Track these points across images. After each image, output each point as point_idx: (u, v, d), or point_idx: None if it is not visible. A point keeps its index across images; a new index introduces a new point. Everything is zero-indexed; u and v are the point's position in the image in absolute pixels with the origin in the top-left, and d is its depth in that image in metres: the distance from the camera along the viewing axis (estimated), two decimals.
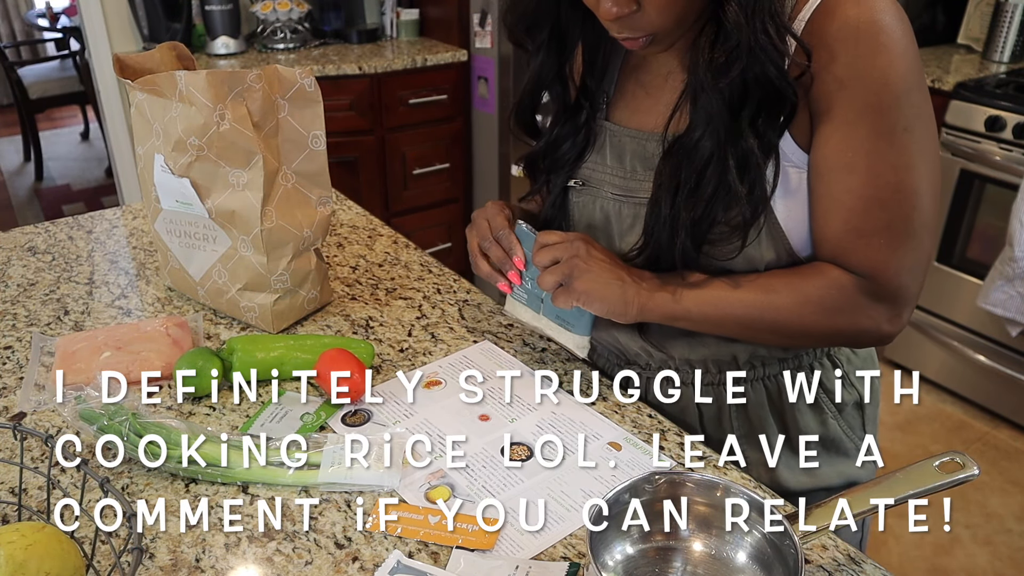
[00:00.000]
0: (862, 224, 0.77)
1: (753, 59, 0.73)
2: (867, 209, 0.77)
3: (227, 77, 0.97)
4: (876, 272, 0.79)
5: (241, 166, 1.01)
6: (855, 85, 0.74)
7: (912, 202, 0.77)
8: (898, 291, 0.80)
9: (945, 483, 0.70)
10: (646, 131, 0.88)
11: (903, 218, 0.77)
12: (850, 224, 0.78)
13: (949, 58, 2.68)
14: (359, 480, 0.82)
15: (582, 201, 0.94)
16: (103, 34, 2.69)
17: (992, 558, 2.01)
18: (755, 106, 0.76)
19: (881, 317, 0.81)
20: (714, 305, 0.82)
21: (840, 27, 0.74)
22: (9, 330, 1.11)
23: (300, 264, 1.09)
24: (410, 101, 2.72)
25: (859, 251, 0.78)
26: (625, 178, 0.90)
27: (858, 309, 0.80)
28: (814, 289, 0.80)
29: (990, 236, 2.33)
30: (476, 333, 1.10)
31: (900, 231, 0.78)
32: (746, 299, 0.81)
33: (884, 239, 0.77)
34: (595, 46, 0.92)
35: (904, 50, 0.74)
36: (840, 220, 0.78)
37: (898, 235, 0.78)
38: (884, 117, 0.75)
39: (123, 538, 0.73)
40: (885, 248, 0.78)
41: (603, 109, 0.93)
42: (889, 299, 0.80)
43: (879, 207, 0.77)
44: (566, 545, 0.76)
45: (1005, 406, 2.47)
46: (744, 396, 0.93)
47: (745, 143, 0.77)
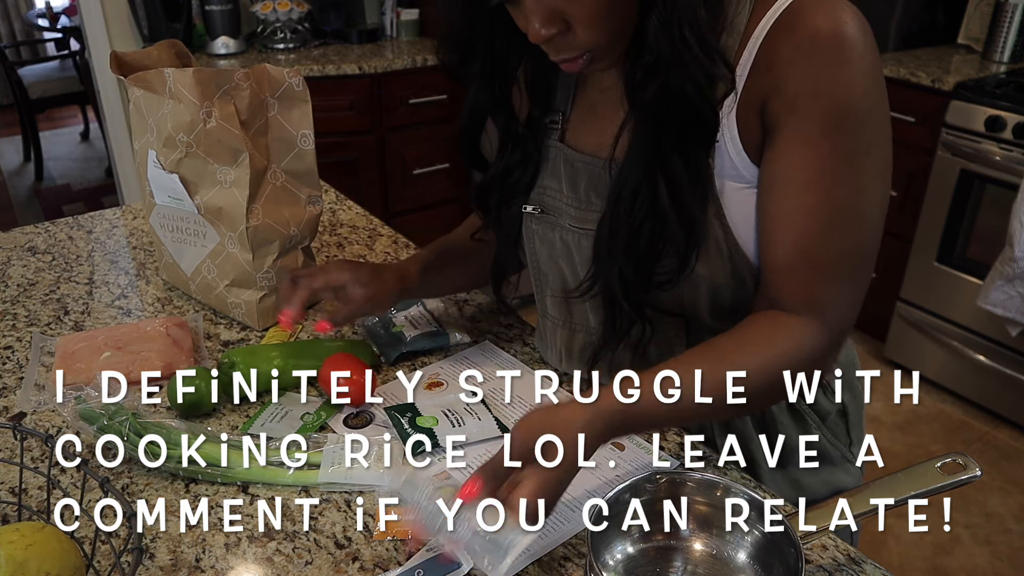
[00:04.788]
0: (813, 250, 0.73)
1: (672, 74, 0.69)
2: (821, 232, 0.72)
3: (214, 75, 0.98)
4: (826, 306, 0.74)
5: (228, 163, 1.02)
6: (816, 100, 0.70)
7: (865, 230, 0.74)
8: (841, 327, 0.76)
9: (947, 484, 0.70)
10: (598, 156, 0.84)
11: (854, 246, 0.74)
12: (801, 248, 0.73)
13: (949, 58, 2.68)
14: (359, 480, 0.81)
15: (541, 229, 0.90)
16: (103, 34, 2.68)
17: (992, 558, 2.01)
18: (678, 126, 0.72)
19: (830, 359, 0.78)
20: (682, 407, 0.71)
21: (802, 39, 0.69)
22: (9, 330, 1.11)
23: (287, 262, 1.09)
24: (410, 101, 2.72)
25: (811, 281, 0.74)
26: (580, 208, 0.86)
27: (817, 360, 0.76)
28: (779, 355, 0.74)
29: (990, 236, 2.32)
30: (476, 333, 1.10)
31: (851, 261, 0.74)
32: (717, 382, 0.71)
33: (833, 271, 0.74)
34: (538, 71, 0.87)
35: (869, 66, 0.70)
36: (790, 242, 0.74)
37: (848, 265, 0.74)
38: (845, 136, 0.71)
39: (123, 538, 0.73)
40: (835, 281, 0.74)
41: (558, 131, 0.89)
42: (833, 338, 0.76)
43: (832, 230, 0.72)
44: (567, 545, 0.76)
45: (1005, 406, 2.47)
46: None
47: (673, 165, 0.74)
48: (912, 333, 2.64)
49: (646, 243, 0.78)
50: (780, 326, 0.75)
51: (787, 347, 0.74)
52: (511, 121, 0.89)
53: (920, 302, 2.60)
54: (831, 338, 0.75)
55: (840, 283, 0.74)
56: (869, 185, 0.72)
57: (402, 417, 0.90)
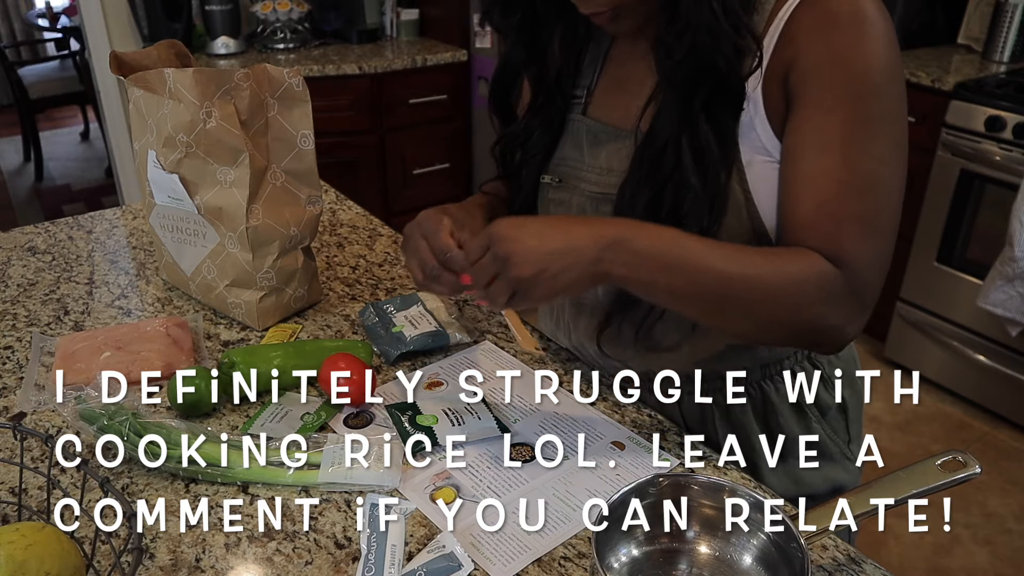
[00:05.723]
0: (835, 208, 0.73)
1: (701, 43, 0.72)
2: (840, 194, 0.73)
3: (214, 75, 0.98)
4: (848, 260, 0.73)
5: (228, 163, 1.02)
6: (835, 69, 0.72)
7: (883, 196, 0.74)
8: (865, 288, 0.75)
9: (947, 482, 0.70)
10: (622, 128, 0.86)
11: (874, 211, 0.74)
12: (823, 206, 0.73)
13: (949, 58, 2.67)
14: (359, 480, 0.81)
15: (559, 198, 0.92)
16: (103, 34, 2.68)
17: (992, 558, 2.01)
18: (705, 95, 0.75)
19: (846, 315, 0.75)
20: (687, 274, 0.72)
21: (822, 13, 0.73)
22: (9, 330, 1.11)
23: (287, 262, 1.09)
24: (410, 101, 2.72)
25: (832, 235, 0.73)
26: (602, 175, 0.88)
27: (832, 299, 0.74)
28: (796, 268, 0.73)
29: (990, 236, 2.32)
30: (476, 333, 1.10)
31: (870, 224, 0.74)
32: (724, 271, 0.73)
33: (854, 229, 0.73)
34: (572, 38, 0.91)
35: (888, 42, 0.72)
36: (813, 202, 0.74)
37: (868, 228, 0.74)
38: (863, 104, 0.72)
39: (123, 538, 0.73)
40: (857, 237, 0.74)
41: (581, 104, 0.92)
42: (855, 296, 0.75)
43: (852, 194, 0.73)
44: (567, 545, 0.76)
45: (1005, 406, 2.47)
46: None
47: (700, 131, 0.75)
48: (912, 333, 2.64)
49: (668, 210, 0.77)
50: (803, 253, 0.74)
51: (804, 266, 0.73)
52: (543, 78, 0.91)
53: (920, 302, 2.60)
54: (850, 288, 0.74)
55: (861, 240, 0.74)
56: (887, 155, 0.73)
57: (402, 415, 0.90)
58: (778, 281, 0.73)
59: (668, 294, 0.74)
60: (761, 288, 0.73)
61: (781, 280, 0.73)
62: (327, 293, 1.20)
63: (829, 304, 0.74)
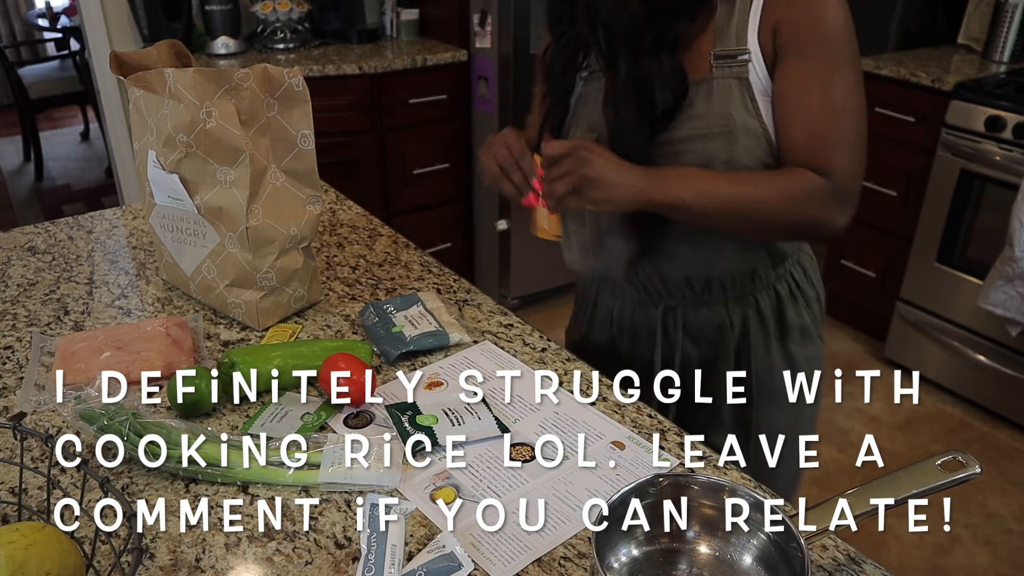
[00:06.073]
0: (819, 133, 0.94)
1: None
2: (822, 122, 0.94)
3: (214, 75, 0.98)
4: (832, 171, 0.94)
5: (229, 163, 1.02)
6: (811, 27, 0.93)
7: (854, 120, 0.95)
8: (846, 189, 0.96)
9: (947, 482, 0.70)
10: None
11: (849, 132, 0.95)
12: (810, 133, 0.95)
13: (949, 58, 2.68)
14: (359, 480, 0.81)
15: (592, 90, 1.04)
16: (103, 34, 2.68)
17: (992, 558, 2.01)
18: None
19: (836, 212, 0.96)
20: (711, 197, 0.95)
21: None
22: (9, 330, 1.11)
23: (287, 262, 1.09)
24: (410, 101, 2.72)
25: (819, 154, 0.94)
26: None
27: (822, 203, 0.96)
28: (792, 185, 0.95)
29: (990, 236, 2.32)
30: (476, 333, 1.10)
31: (847, 142, 0.95)
32: (737, 192, 0.95)
33: (839, 147, 0.94)
34: None
35: (846, 9, 0.93)
36: (802, 131, 0.95)
37: (846, 145, 0.95)
38: (833, 52, 0.93)
39: (123, 538, 0.73)
40: (842, 154, 0.95)
41: None
42: (841, 197, 0.96)
43: (831, 121, 0.94)
44: (567, 545, 0.76)
45: (1005, 406, 2.47)
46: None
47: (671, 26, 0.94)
48: (912, 333, 2.65)
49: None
50: (797, 171, 0.96)
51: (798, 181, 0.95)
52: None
53: (920, 302, 2.60)
54: (835, 192, 0.95)
55: (840, 155, 0.95)
56: (853, 88, 0.95)
57: (402, 415, 0.90)
58: (779, 195, 0.95)
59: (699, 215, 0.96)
60: (766, 202, 0.95)
61: (781, 194, 0.95)
62: (327, 293, 1.20)
63: (820, 207, 0.96)
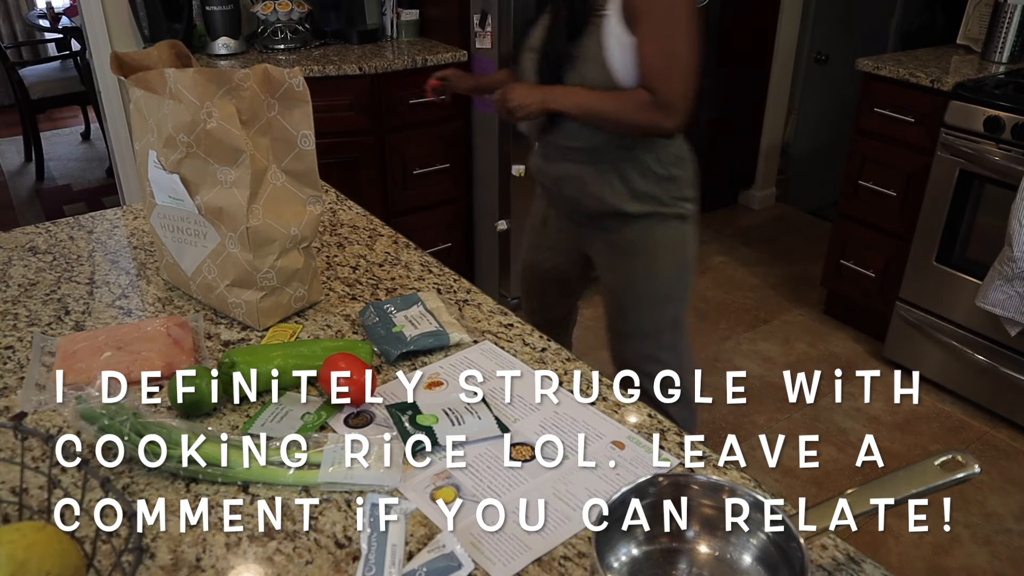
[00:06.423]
0: (655, 66, 1.38)
1: None
2: (658, 59, 1.38)
3: (215, 76, 0.98)
4: (659, 89, 1.38)
5: (229, 163, 1.02)
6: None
7: (682, 58, 1.38)
8: (672, 103, 1.39)
9: (947, 482, 0.70)
10: None
11: (682, 67, 1.39)
12: (648, 66, 1.39)
13: (948, 58, 2.68)
14: (359, 480, 0.82)
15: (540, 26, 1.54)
16: (104, 34, 2.68)
17: (992, 558, 2.02)
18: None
19: (660, 117, 1.40)
20: (577, 104, 1.45)
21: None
22: (10, 330, 1.11)
23: (287, 262, 1.09)
24: (410, 101, 2.72)
25: (653, 79, 1.38)
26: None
27: (647, 109, 1.40)
28: (628, 98, 1.41)
29: (989, 236, 2.32)
30: (476, 333, 1.10)
31: (671, 70, 1.38)
32: (595, 101, 1.44)
33: (664, 74, 1.38)
34: None
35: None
36: (645, 66, 1.39)
37: (671, 73, 1.38)
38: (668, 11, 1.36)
39: (123, 538, 0.73)
40: (667, 79, 1.38)
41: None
42: (665, 107, 1.39)
43: (663, 58, 1.38)
44: (567, 545, 0.76)
45: (1005, 406, 2.47)
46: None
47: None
48: (911, 333, 2.65)
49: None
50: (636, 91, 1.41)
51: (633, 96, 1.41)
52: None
53: (919, 302, 2.60)
54: (660, 104, 1.39)
55: (667, 79, 1.38)
56: (683, 35, 1.38)
57: (402, 415, 0.90)
58: (618, 104, 1.43)
59: (574, 115, 1.47)
60: (610, 108, 1.44)
61: (619, 103, 1.43)
62: (327, 293, 1.20)
63: (645, 112, 1.40)
